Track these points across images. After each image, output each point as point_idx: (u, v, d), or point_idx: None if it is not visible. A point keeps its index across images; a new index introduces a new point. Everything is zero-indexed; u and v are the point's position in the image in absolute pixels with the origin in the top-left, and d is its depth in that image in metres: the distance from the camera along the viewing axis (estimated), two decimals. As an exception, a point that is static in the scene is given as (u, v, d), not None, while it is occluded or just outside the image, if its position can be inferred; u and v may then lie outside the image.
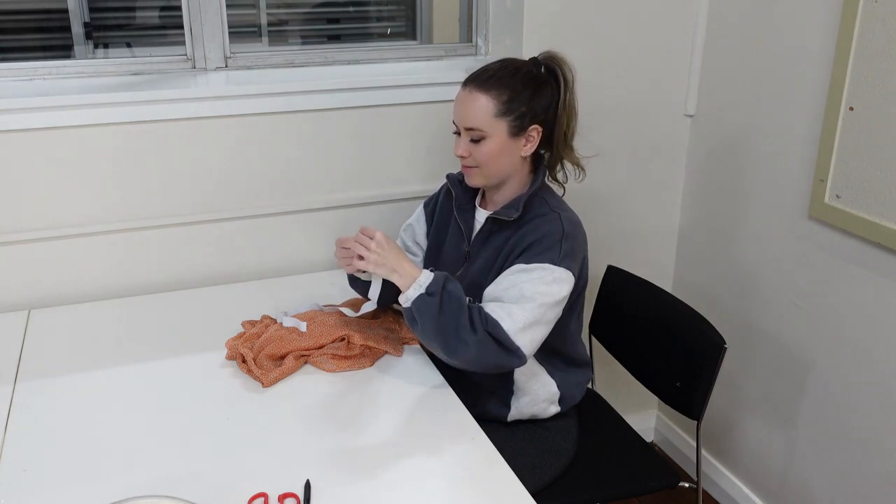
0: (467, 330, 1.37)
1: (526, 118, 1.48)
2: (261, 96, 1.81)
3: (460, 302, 1.40)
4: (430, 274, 1.42)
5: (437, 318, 1.38)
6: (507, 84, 1.47)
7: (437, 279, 1.41)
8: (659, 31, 2.08)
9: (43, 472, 1.21)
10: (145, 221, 1.83)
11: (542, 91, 1.50)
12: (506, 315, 1.40)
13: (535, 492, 1.20)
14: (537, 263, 1.44)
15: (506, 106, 1.46)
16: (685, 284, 2.33)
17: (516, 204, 1.52)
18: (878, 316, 1.71)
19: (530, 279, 1.42)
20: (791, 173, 1.88)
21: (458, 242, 1.63)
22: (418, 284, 1.40)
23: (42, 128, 1.70)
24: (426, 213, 1.75)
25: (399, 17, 2.57)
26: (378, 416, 1.38)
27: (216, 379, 1.48)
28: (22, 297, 1.79)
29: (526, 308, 1.40)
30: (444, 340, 1.39)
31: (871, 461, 1.78)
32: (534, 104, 1.48)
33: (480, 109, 1.47)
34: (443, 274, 1.43)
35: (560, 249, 1.45)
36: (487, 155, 1.49)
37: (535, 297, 1.41)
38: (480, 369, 1.43)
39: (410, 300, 1.40)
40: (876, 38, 1.59)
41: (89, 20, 2.31)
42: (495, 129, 1.47)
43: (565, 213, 1.52)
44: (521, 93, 1.47)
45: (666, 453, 2.49)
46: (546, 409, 1.64)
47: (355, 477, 1.22)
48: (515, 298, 1.41)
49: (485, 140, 1.48)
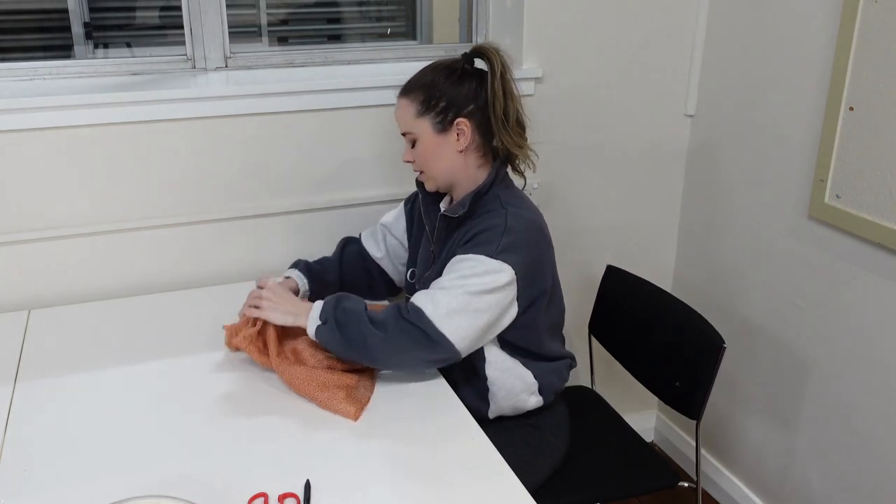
0: (374, 334, 1.39)
1: (448, 112, 1.51)
2: (261, 96, 1.82)
3: (356, 314, 1.42)
4: (320, 303, 1.46)
5: (340, 339, 1.41)
6: (425, 83, 1.52)
7: (326, 306, 1.45)
8: (659, 31, 2.08)
9: (43, 472, 1.21)
10: (145, 221, 1.83)
11: (463, 83, 1.52)
12: (428, 301, 1.40)
13: (532, 490, 1.20)
14: (472, 254, 1.44)
15: (423, 105, 1.51)
16: (685, 284, 2.33)
17: (464, 201, 1.53)
18: (878, 316, 1.71)
19: (460, 268, 1.43)
20: (791, 173, 1.88)
21: (426, 244, 1.66)
22: (312, 318, 1.44)
23: (42, 128, 1.70)
24: (405, 211, 1.77)
25: (399, 17, 2.57)
26: (378, 416, 1.38)
27: (216, 379, 1.48)
28: (22, 297, 1.79)
29: (450, 293, 1.39)
30: (358, 353, 1.42)
31: (871, 461, 1.78)
32: (454, 97, 1.51)
33: (403, 112, 1.54)
34: (333, 297, 1.47)
35: (498, 243, 1.44)
36: (423, 154, 1.54)
37: (459, 286, 1.40)
38: (411, 365, 1.46)
39: (313, 335, 1.45)
40: (876, 38, 1.59)
41: (89, 20, 2.31)
42: (421, 129, 1.52)
43: (516, 210, 1.50)
44: (437, 88, 1.51)
45: (666, 453, 2.49)
46: (526, 400, 1.61)
47: (355, 477, 1.22)
48: (441, 286, 1.42)
49: (417, 141, 1.54)
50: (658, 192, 2.26)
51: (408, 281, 1.73)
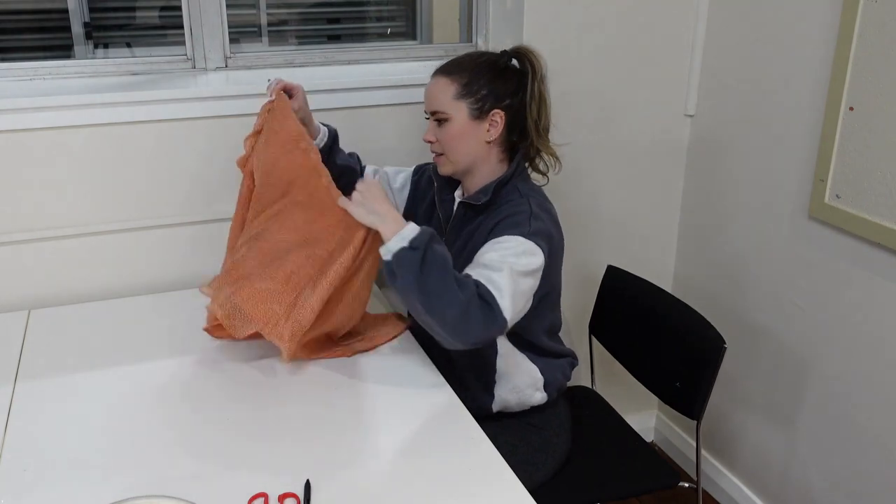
0: (453, 289, 1.30)
1: (487, 101, 1.52)
2: (261, 96, 1.81)
3: (445, 260, 1.33)
4: (416, 227, 1.33)
5: (417, 275, 1.29)
6: (468, 68, 1.53)
7: (422, 233, 1.32)
8: (659, 32, 2.08)
9: (43, 472, 1.21)
10: (145, 221, 1.83)
11: (505, 77, 1.53)
12: (485, 280, 1.35)
13: (531, 489, 1.20)
14: (507, 235, 1.43)
15: (465, 88, 1.51)
16: (685, 284, 2.33)
17: (486, 189, 1.54)
18: (878, 316, 1.71)
19: (500, 248, 1.41)
20: (791, 173, 1.88)
21: (438, 230, 1.64)
22: (401, 237, 1.31)
23: (42, 128, 1.70)
24: (412, 180, 1.77)
25: (399, 17, 2.57)
26: (378, 415, 1.38)
27: (216, 379, 1.48)
28: (22, 297, 1.79)
29: (501, 274, 1.36)
30: (425, 299, 1.30)
31: (871, 461, 1.78)
32: (495, 88, 1.52)
33: (441, 92, 1.53)
34: (429, 230, 1.35)
35: (529, 225, 1.45)
36: (450, 137, 1.53)
37: (504, 266, 1.37)
38: (461, 334, 1.32)
39: (391, 252, 1.31)
40: (876, 38, 1.59)
41: (89, 20, 2.31)
42: (456, 111, 1.52)
43: (537, 199, 1.53)
44: (482, 76, 1.52)
45: (666, 453, 2.49)
46: (531, 395, 1.62)
47: (355, 477, 1.22)
48: (487, 265, 1.38)
49: (447, 122, 1.53)
50: (658, 192, 2.26)
51: None
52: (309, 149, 1.50)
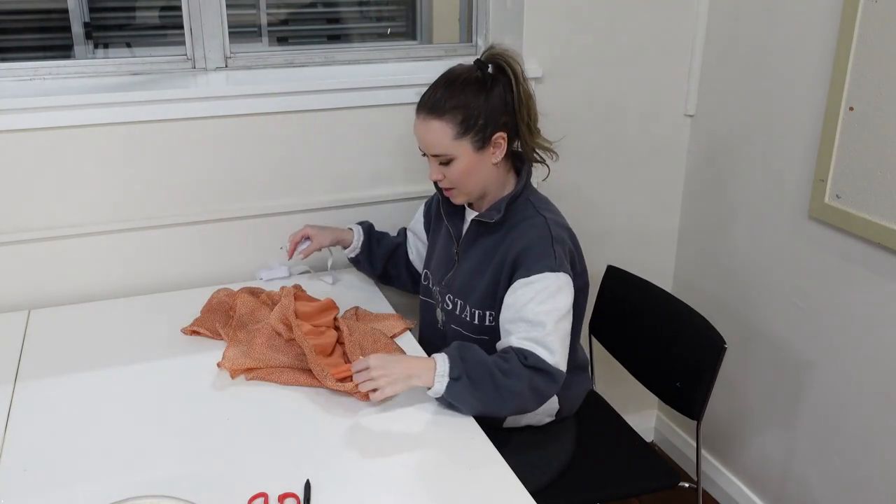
0: (505, 385, 1.34)
1: (487, 129, 1.46)
2: (261, 96, 1.82)
3: (484, 363, 1.36)
4: (445, 358, 1.36)
5: (474, 394, 1.34)
6: (459, 102, 1.44)
7: (454, 361, 1.35)
8: (659, 31, 2.08)
9: (43, 472, 1.21)
10: (145, 221, 1.83)
11: (493, 94, 1.47)
12: (542, 348, 1.39)
13: (534, 492, 1.20)
14: (537, 274, 1.43)
15: (462, 125, 1.45)
16: (685, 284, 2.33)
17: (499, 206, 1.52)
18: (878, 316, 1.71)
19: (536, 292, 1.42)
20: (791, 173, 1.88)
21: (447, 245, 1.65)
22: (440, 375, 1.35)
23: (42, 128, 1.69)
24: (425, 215, 1.78)
25: (399, 17, 2.57)
26: (378, 416, 1.38)
27: (216, 378, 1.48)
28: (22, 297, 1.79)
29: (546, 331, 1.40)
30: (490, 408, 1.36)
31: (871, 461, 1.78)
32: (490, 113, 1.46)
33: (439, 136, 1.46)
34: (455, 348, 1.39)
35: (554, 255, 1.45)
36: (459, 174, 1.49)
37: (547, 319, 1.40)
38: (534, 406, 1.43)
39: (441, 394, 1.35)
40: (876, 38, 1.59)
41: (89, 20, 2.31)
42: (459, 150, 1.46)
43: (551, 216, 1.52)
44: (473, 106, 1.45)
45: (666, 453, 2.49)
46: (542, 420, 1.65)
47: (355, 477, 1.22)
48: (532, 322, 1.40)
49: (453, 161, 1.48)
50: (658, 193, 2.26)
51: (421, 282, 1.73)
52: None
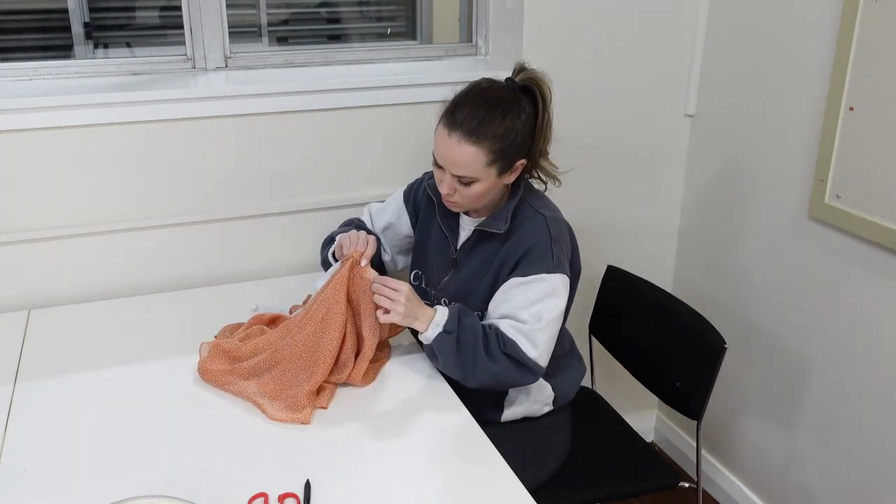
0: (484, 359, 1.42)
1: (514, 157, 1.46)
2: (261, 96, 1.81)
3: (476, 332, 1.44)
4: (445, 311, 1.45)
5: (455, 353, 1.43)
6: (498, 132, 1.42)
7: (452, 316, 1.44)
8: (659, 31, 2.08)
9: (43, 472, 1.21)
10: (145, 221, 1.83)
11: (526, 121, 1.45)
12: (525, 340, 1.43)
13: (533, 489, 1.20)
14: (534, 275, 1.46)
15: (497, 154, 1.43)
16: (685, 284, 2.33)
17: (503, 216, 1.51)
18: (878, 316, 1.71)
19: (534, 297, 1.45)
20: (791, 173, 1.88)
21: (443, 248, 1.63)
22: (436, 324, 1.44)
23: (42, 128, 1.69)
24: (407, 208, 1.71)
25: (399, 17, 2.58)
26: (378, 416, 1.38)
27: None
28: (22, 297, 1.79)
29: (541, 329, 1.45)
30: (462, 371, 1.44)
31: (871, 461, 1.78)
32: (521, 142, 1.46)
33: (470, 161, 1.42)
34: (456, 307, 1.46)
35: (552, 256, 1.47)
36: (476, 195, 1.47)
37: (543, 316, 1.45)
38: (498, 388, 1.50)
39: (430, 339, 1.44)
40: (876, 38, 1.59)
41: (89, 20, 2.31)
42: (485, 175, 1.45)
43: (550, 213, 1.53)
44: (511, 136, 1.43)
45: (666, 453, 2.49)
46: (540, 409, 1.66)
47: (355, 477, 1.22)
48: (524, 322, 1.44)
49: (474, 183, 1.45)
50: (658, 192, 2.26)
51: (411, 282, 1.72)
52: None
